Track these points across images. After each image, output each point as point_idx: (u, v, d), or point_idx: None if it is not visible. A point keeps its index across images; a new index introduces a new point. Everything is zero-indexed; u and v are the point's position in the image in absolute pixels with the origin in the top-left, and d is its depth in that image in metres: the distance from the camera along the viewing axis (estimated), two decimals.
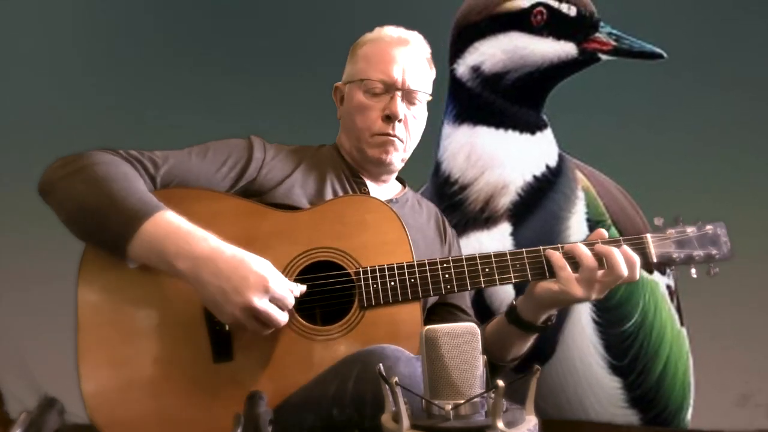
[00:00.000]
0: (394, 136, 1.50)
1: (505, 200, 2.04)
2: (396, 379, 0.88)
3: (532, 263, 1.34)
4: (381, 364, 0.92)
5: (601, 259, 1.31)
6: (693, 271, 1.40)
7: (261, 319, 1.18)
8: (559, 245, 1.35)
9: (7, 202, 1.34)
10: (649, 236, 1.38)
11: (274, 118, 2.04)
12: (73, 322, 1.24)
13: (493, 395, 0.84)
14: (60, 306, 1.26)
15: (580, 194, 2.02)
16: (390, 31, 1.56)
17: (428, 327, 0.92)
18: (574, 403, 1.95)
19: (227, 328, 1.25)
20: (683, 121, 1.95)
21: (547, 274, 1.34)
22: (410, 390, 0.89)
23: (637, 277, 1.33)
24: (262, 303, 1.17)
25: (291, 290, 1.22)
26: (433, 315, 1.55)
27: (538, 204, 2.03)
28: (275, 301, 1.19)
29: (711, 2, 1.97)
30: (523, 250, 1.35)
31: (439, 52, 2.06)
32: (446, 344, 0.89)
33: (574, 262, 1.32)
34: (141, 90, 2.20)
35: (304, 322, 1.27)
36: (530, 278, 1.35)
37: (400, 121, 1.49)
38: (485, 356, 0.91)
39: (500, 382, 0.82)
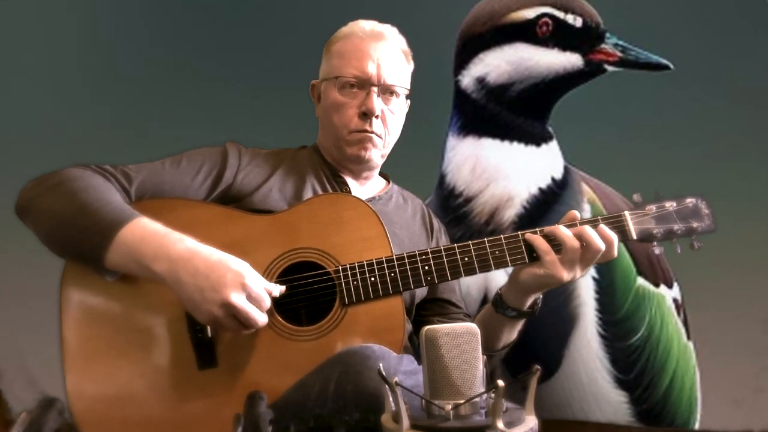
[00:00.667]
0: (372, 132, 1.49)
1: (511, 213, 2.03)
2: (396, 379, 0.87)
3: (511, 249, 1.34)
4: (381, 365, 0.92)
5: (581, 238, 1.32)
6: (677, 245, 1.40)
7: (239, 317, 1.18)
8: (537, 229, 1.35)
9: (8, 216, 1.35)
10: (627, 213, 1.39)
11: (277, 130, 2.03)
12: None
13: (493, 395, 0.83)
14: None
15: (586, 207, 2.00)
16: (363, 25, 1.55)
17: (428, 327, 0.92)
18: (580, 417, 1.93)
19: (209, 334, 1.24)
20: (690, 132, 1.94)
21: (527, 259, 1.34)
22: (411, 390, 0.89)
23: (616, 254, 1.34)
24: (239, 300, 1.16)
25: (269, 291, 1.22)
26: (423, 310, 1.55)
27: (543, 217, 2.01)
28: (252, 300, 1.18)
29: (717, 13, 1.97)
30: (502, 236, 1.34)
31: (444, 64, 2.09)
32: (446, 344, 0.89)
33: (555, 244, 1.32)
34: (142, 102, 2.20)
35: (286, 323, 1.27)
36: (510, 264, 1.34)
37: (377, 117, 1.49)
38: (485, 356, 0.91)
39: (500, 382, 0.82)
